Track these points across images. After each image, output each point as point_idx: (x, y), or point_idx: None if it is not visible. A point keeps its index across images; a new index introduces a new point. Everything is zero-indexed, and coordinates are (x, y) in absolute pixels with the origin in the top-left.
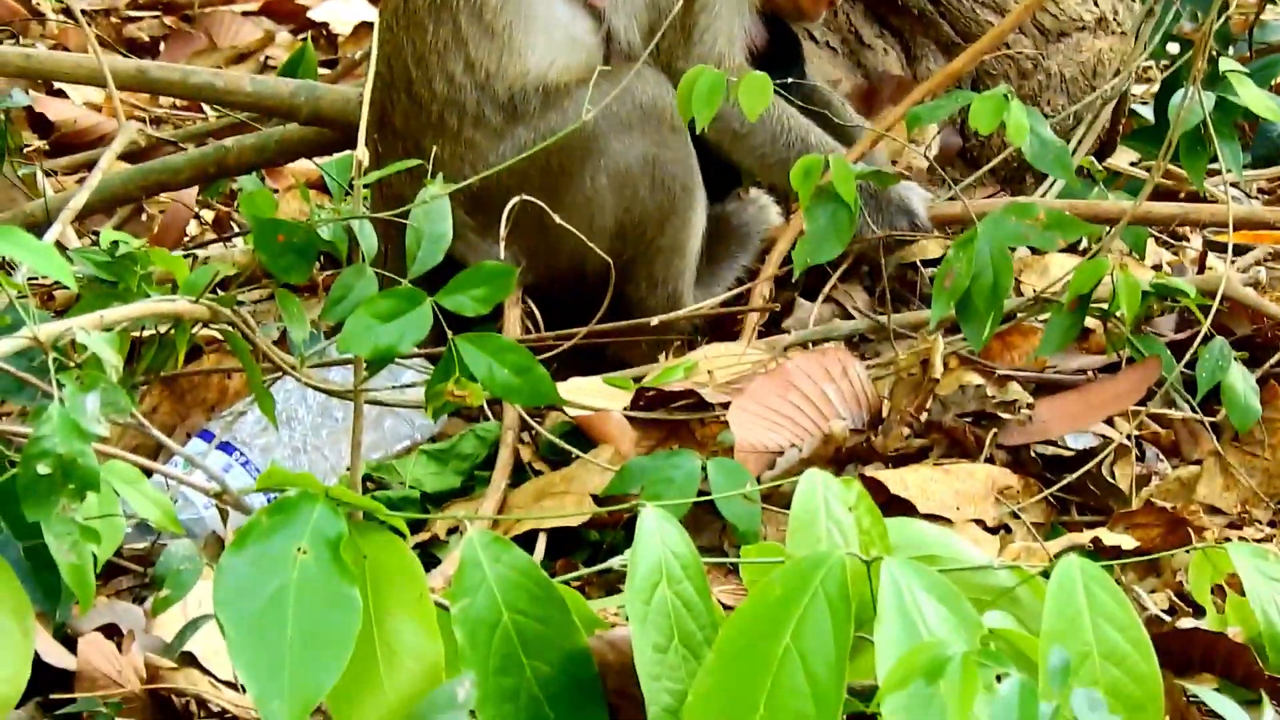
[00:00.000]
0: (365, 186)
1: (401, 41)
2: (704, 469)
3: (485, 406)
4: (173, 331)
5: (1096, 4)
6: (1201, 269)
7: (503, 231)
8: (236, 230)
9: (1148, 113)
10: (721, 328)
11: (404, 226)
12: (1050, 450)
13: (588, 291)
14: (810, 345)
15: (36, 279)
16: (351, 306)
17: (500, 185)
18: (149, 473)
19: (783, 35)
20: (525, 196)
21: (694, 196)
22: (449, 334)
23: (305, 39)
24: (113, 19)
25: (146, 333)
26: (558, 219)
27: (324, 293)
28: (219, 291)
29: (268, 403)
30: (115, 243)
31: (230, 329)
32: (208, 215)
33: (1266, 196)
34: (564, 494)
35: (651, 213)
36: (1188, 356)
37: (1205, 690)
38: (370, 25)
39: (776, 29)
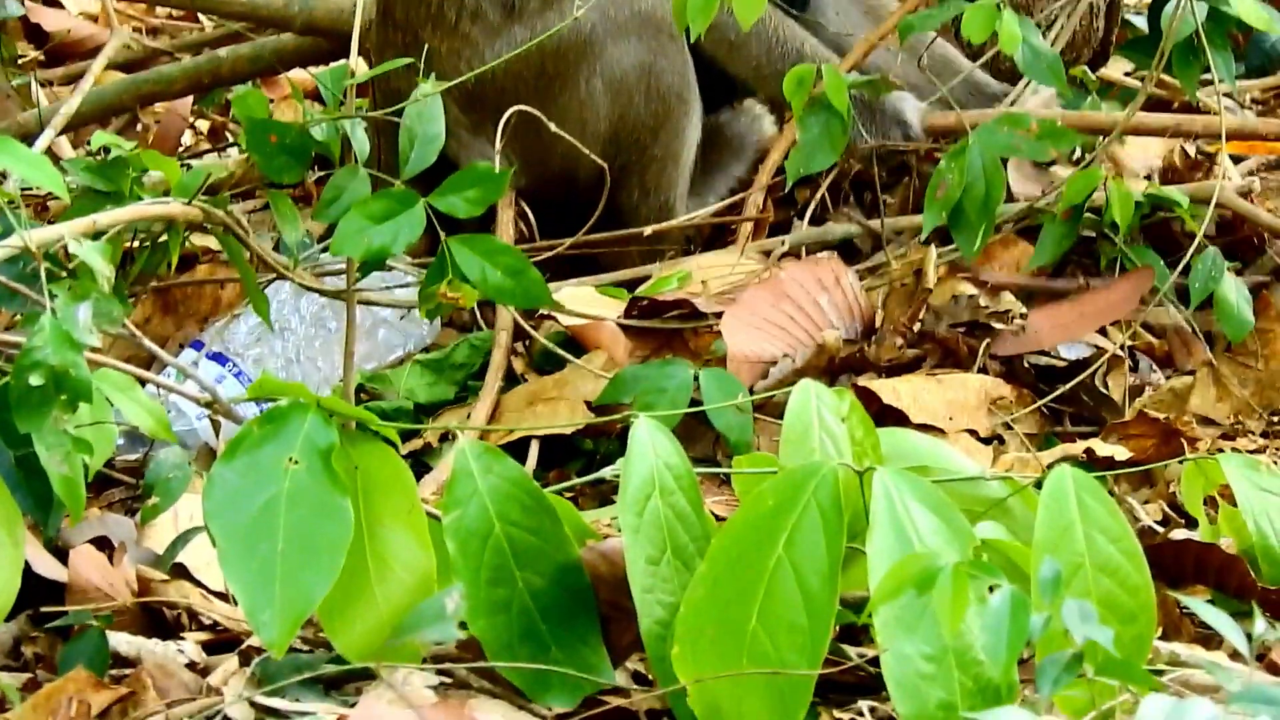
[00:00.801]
0: (359, 93)
1: None
2: (697, 379)
3: (478, 315)
4: (165, 236)
5: None
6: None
7: (498, 143)
8: (231, 140)
9: (1141, 23)
10: (716, 238)
11: (398, 126)
12: (1044, 360)
13: (580, 197)
14: (804, 253)
15: (30, 189)
16: (344, 208)
17: (495, 85)
18: (142, 383)
19: None
20: (521, 107)
21: (689, 106)
22: (442, 235)
23: None
24: None
25: (139, 241)
26: (552, 126)
27: (317, 200)
28: (213, 195)
29: (263, 305)
30: (106, 147)
31: (223, 231)
32: (203, 125)
33: (1260, 107)
34: (557, 400)
35: (646, 121)
36: (1181, 266)
37: (1197, 602)
38: None
39: None
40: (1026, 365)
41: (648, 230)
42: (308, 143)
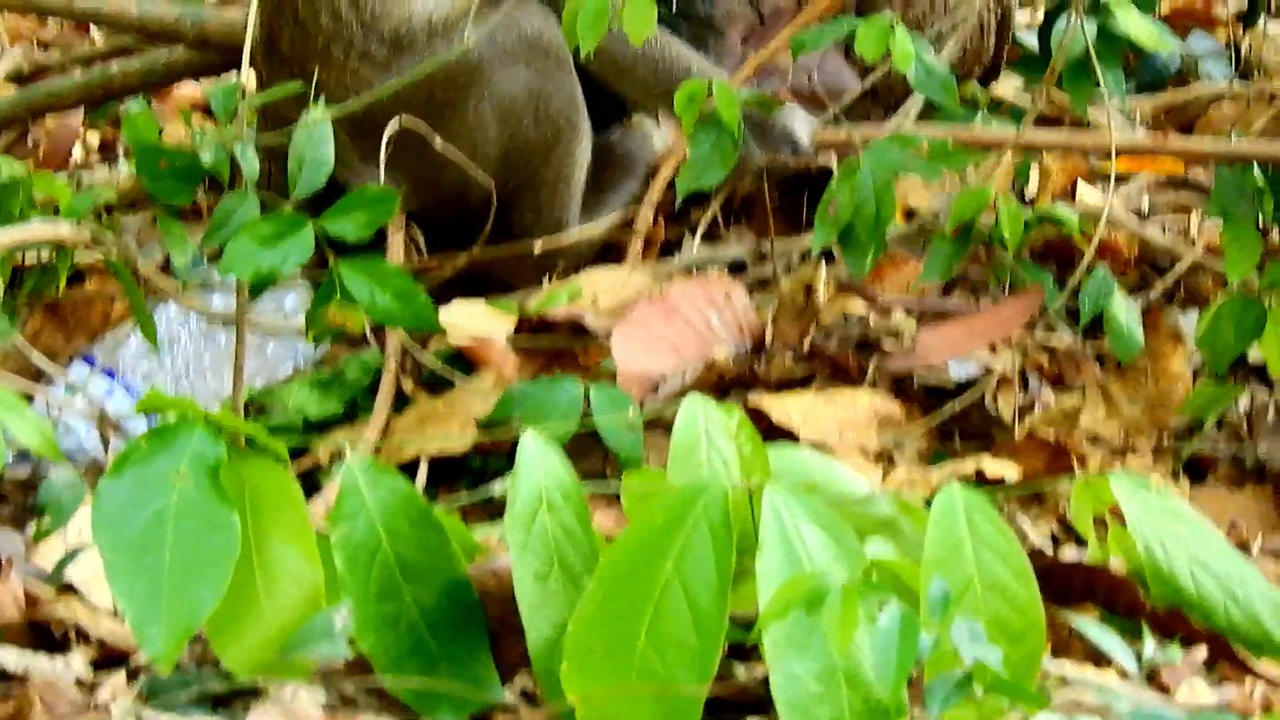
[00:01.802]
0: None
1: None
2: (587, 395)
3: (369, 332)
4: (55, 256)
5: None
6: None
7: (383, 155)
8: (122, 153)
9: (1033, 40)
10: (609, 255)
11: (287, 151)
12: (934, 379)
13: (472, 220)
14: (695, 271)
15: None
16: (233, 230)
17: (385, 114)
18: (30, 398)
19: None
20: (407, 116)
21: (579, 130)
22: (331, 258)
23: None
24: None
25: (28, 258)
26: (439, 142)
27: (208, 217)
28: (103, 216)
29: (150, 327)
30: None
31: (112, 254)
32: (94, 139)
33: (1151, 125)
34: (447, 420)
35: (536, 144)
36: (1071, 284)
37: (1087, 622)
38: None
39: None
40: (916, 383)
41: (538, 246)
42: (197, 166)
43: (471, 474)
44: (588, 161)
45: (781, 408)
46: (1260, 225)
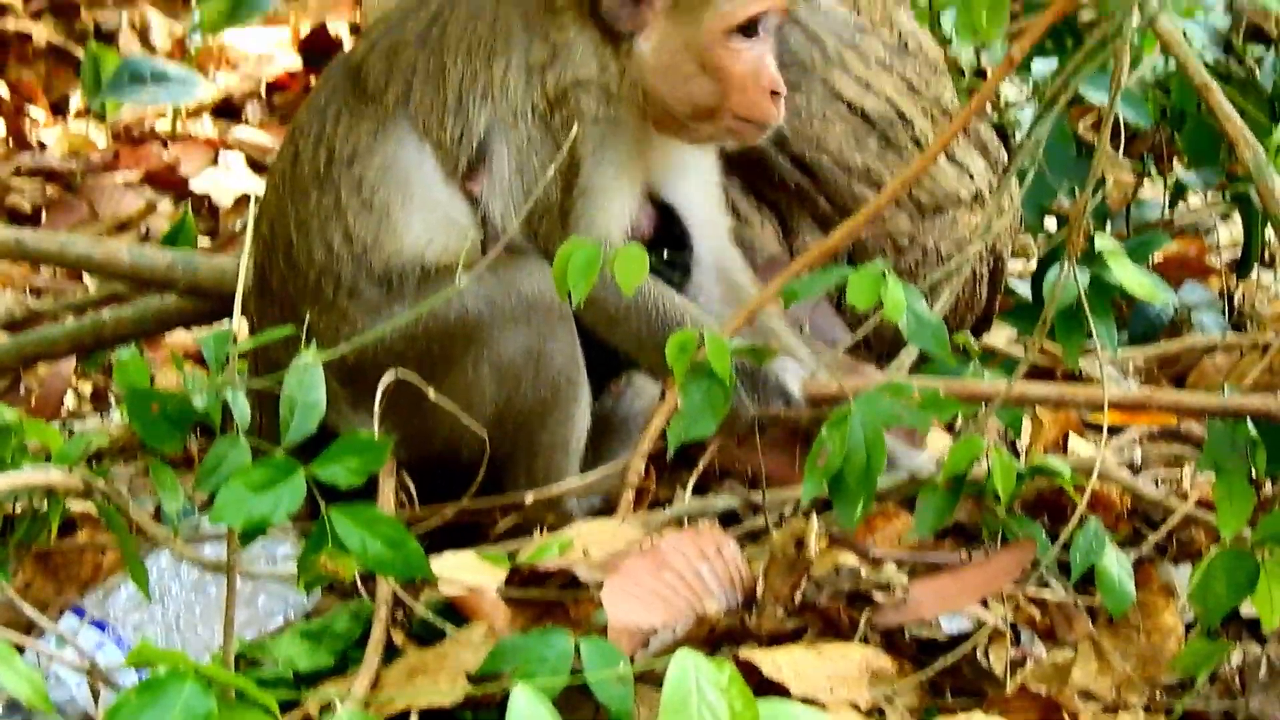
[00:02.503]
0: (240, 357)
1: (285, 205)
2: (577, 648)
3: (359, 581)
4: (46, 504)
5: (972, 179)
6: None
7: (376, 408)
8: (114, 402)
9: (1025, 290)
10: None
11: (278, 395)
12: (925, 632)
13: (463, 478)
14: (686, 522)
15: None
16: (224, 477)
17: (376, 362)
18: (21, 649)
19: (672, 221)
20: (403, 370)
21: (578, 390)
22: (322, 505)
23: (186, 209)
24: None
25: (19, 506)
26: (432, 394)
27: (200, 464)
28: (94, 463)
29: (141, 575)
30: None
31: (103, 501)
32: (86, 387)
33: (1144, 376)
34: (437, 672)
35: (533, 405)
36: (1063, 538)
37: None
38: (250, 198)
39: (666, 215)
40: (908, 637)
41: (529, 498)
42: (188, 412)
43: None
44: (587, 426)
45: (773, 662)
46: (1253, 479)
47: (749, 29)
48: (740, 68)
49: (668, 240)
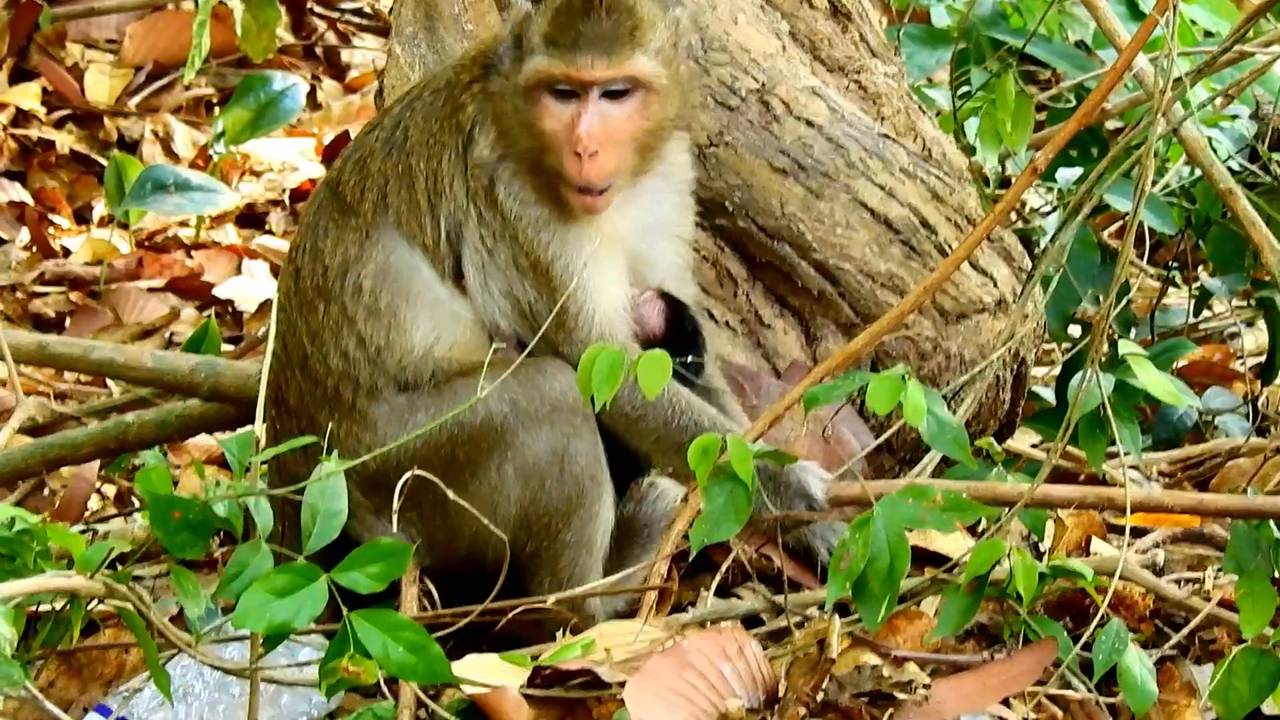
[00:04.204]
0: (263, 463)
1: (295, 320)
2: None
3: (382, 682)
4: (69, 607)
5: (996, 286)
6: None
7: (395, 506)
8: (137, 505)
9: (1049, 394)
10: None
11: (299, 504)
12: None
13: (487, 580)
14: (708, 624)
15: None
16: (247, 583)
17: (399, 469)
18: None
19: (683, 319)
20: (423, 473)
21: (602, 488)
22: (344, 610)
23: (209, 316)
24: (19, 294)
25: (43, 607)
26: (452, 495)
27: (223, 567)
28: (116, 567)
29: (163, 680)
30: (12, 519)
31: (126, 605)
32: (110, 490)
33: (1167, 479)
34: None
35: (558, 505)
36: (1085, 638)
37: None
38: (274, 303)
39: (677, 312)
40: None
41: (551, 599)
42: (210, 518)
43: None
44: (611, 524)
45: None
46: (1275, 579)
47: (560, 91)
48: (547, 124)
49: (679, 337)
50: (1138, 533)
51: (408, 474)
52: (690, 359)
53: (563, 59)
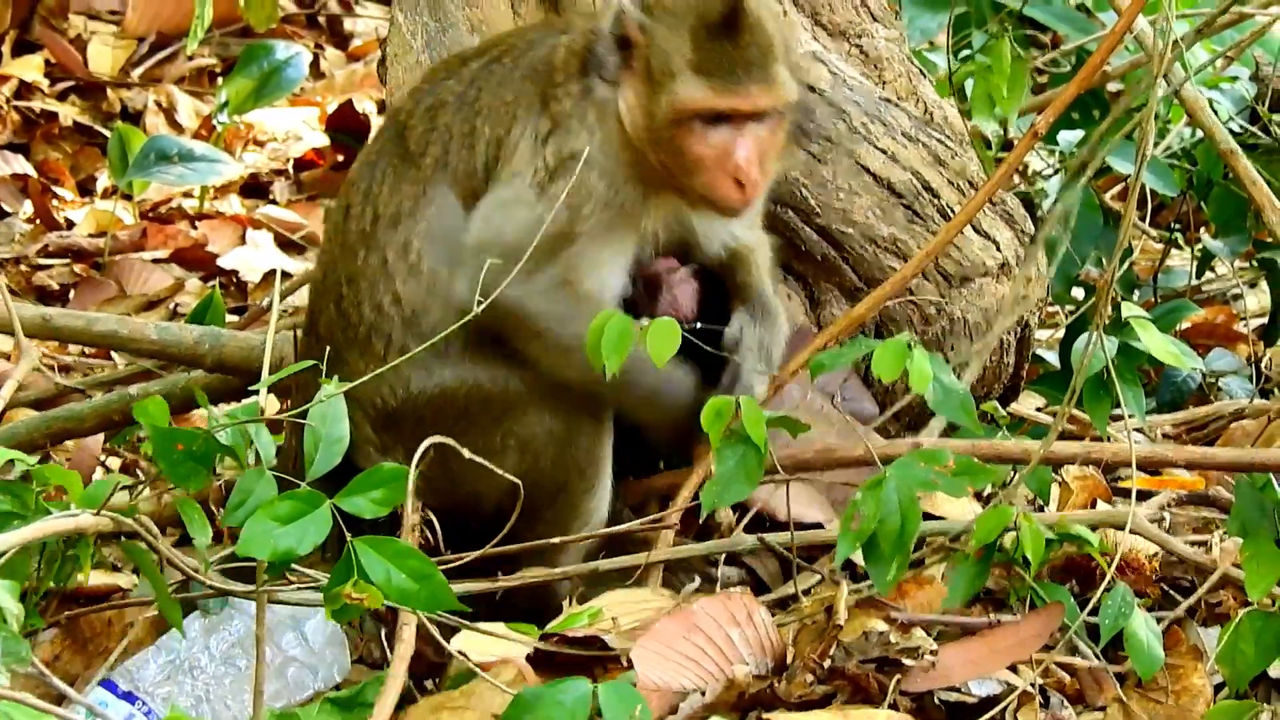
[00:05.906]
0: (281, 394)
1: (336, 257)
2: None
3: (387, 650)
4: (75, 549)
5: (999, 250)
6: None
7: (413, 470)
8: (142, 476)
9: (1053, 358)
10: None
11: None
12: (954, 696)
13: (481, 529)
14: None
15: None
16: (251, 510)
17: (415, 413)
18: None
19: (713, 293)
20: (440, 438)
21: (593, 486)
22: (348, 537)
23: (214, 286)
24: (23, 267)
25: (44, 565)
26: (467, 454)
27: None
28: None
29: (175, 613)
30: (11, 461)
31: (132, 542)
32: (114, 462)
33: (1171, 442)
34: (463, 709)
35: (546, 486)
36: (1092, 603)
37: None
38: (277, 274)
39: (709, 285)
40: (937, 701)
41: (556, 540)
42: (213, 448)
43: None
44: (598, 523)
45: None
46: None
47: (710, 119)
48: (700, 150)
49: (711, 316)
50: (1143, 496)
51: (428, 440)
52: (699, 325)
53: (724, 90)
